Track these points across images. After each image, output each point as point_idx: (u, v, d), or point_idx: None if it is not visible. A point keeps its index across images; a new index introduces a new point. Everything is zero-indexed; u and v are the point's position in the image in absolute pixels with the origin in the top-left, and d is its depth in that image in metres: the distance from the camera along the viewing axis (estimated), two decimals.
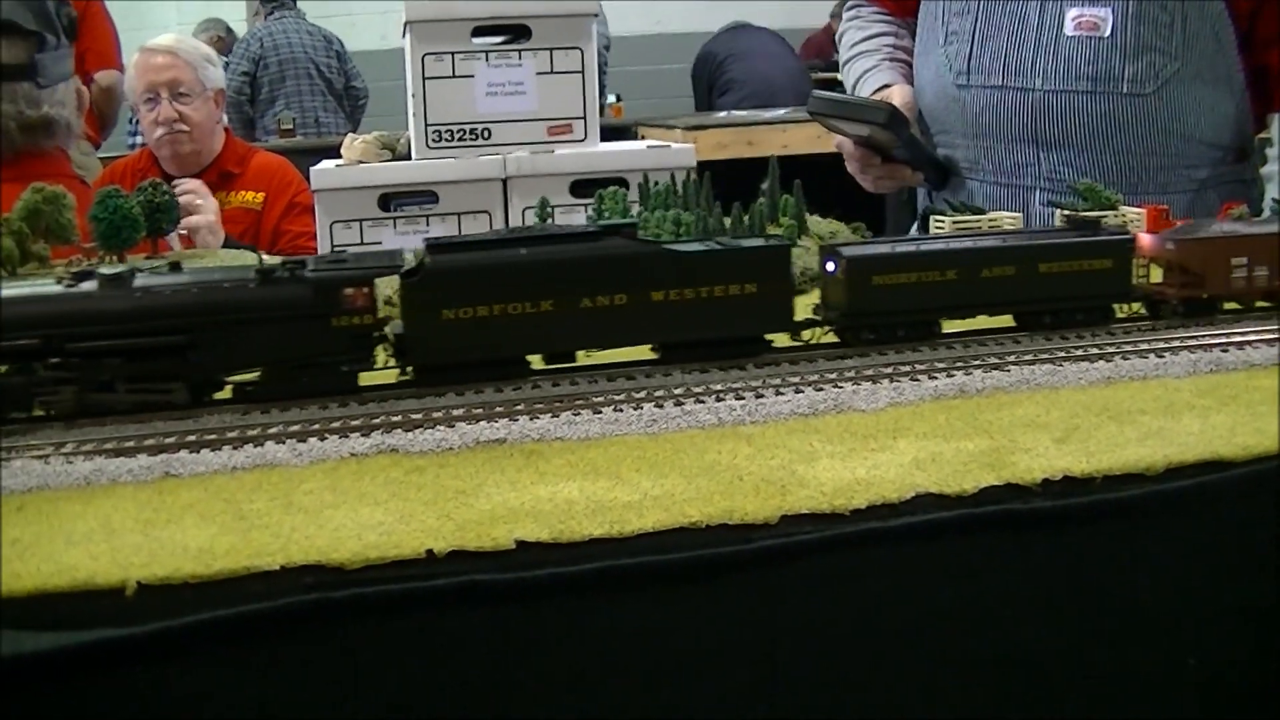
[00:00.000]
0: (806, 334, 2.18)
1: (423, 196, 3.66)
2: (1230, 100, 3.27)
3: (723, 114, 8.53)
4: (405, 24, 3.65)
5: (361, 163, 3.70)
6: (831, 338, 2.20)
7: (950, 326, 2.25)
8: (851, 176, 3.65)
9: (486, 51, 3.71)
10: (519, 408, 1.93)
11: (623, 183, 3.18)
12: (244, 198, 5.15)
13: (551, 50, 3.74)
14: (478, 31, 3.71)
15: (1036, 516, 1.65)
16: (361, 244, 3.56)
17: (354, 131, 3.78)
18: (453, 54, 3.67)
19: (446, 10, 3.65)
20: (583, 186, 3.62)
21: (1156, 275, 2.33)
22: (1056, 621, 1.68)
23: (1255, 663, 1.76)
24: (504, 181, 3.65)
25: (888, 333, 2.18)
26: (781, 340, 2.19)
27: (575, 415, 1.91)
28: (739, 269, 2.07)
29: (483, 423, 1.88)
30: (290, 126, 8.85)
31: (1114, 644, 1.70)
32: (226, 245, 4.25)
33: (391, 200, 3.64)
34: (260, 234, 5.01)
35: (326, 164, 3.74)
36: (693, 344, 2.10)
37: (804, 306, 2.21)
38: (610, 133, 4.32)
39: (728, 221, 2.74)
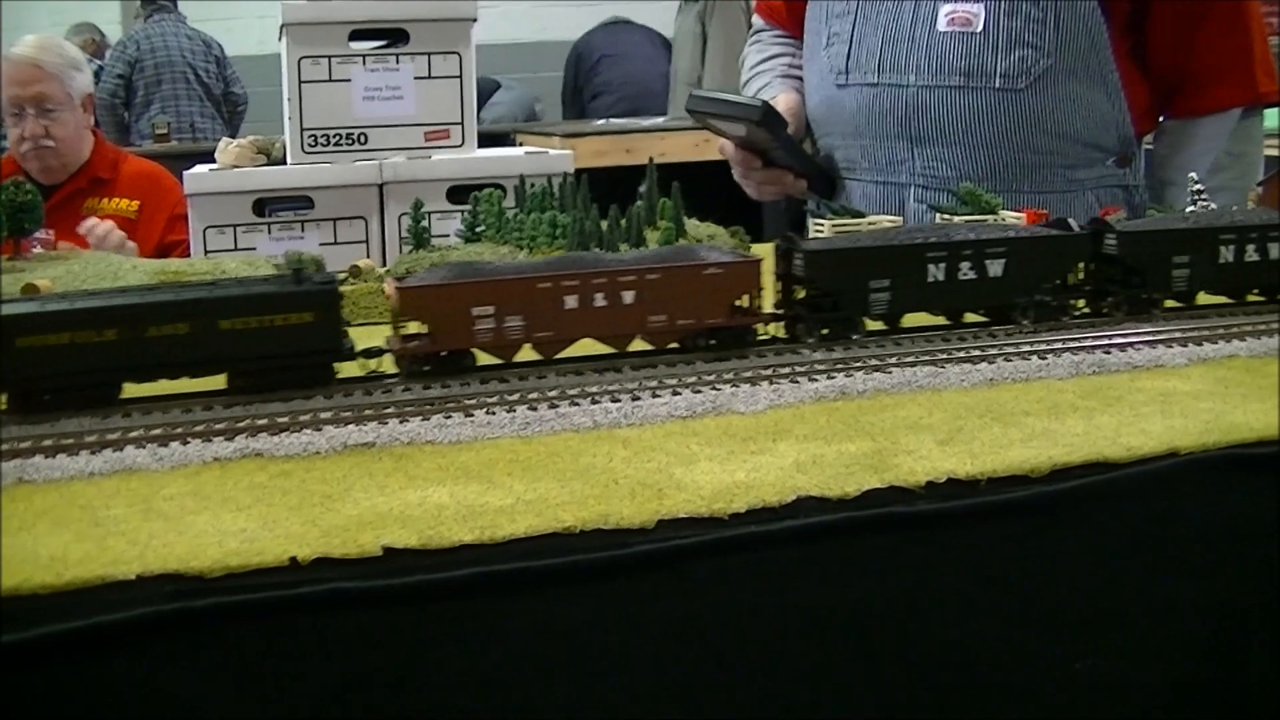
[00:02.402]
0: None
1: (298, 202, 3.59)
2: (1106, 100, 3.27)
3: (600, 121, 8.53)
4: (282, 26, 3.59)
5: (236, 167, 3.64)
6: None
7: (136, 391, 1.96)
8: (731, 182, 3.63)
9: (364, 55, 3.66)
10: (389, 410, 1.88)
11: (500, 188, 3.14)
12: (117, 205, 5.02)
13: (430, 55, 3.69)
14: (355, 35, 3.66)
15: (920, 519, 1.62)
16: (236, 249, 3.49)
17: (233, 138, 3.71)
18: (329, 57, 3.62)
19: (324, 13, 3.60)
20: (460, 192, 3.57)
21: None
22: (941, 624, 1.66)
23: (1142, 664, 1.76)
24: (380, 187, 3.60)
25: (53, 400, 1.88)
26: None
27: (446, 418, 1.86)
28: None
29: (351, 426, 1.83)
30: (165, 131, 8.70)
31: (998, 647, 1.68)
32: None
33: (266, 205, 3.57)
34: (138, 244, 4.89)
35: (200, 168, 3.66)
36: None
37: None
38: (488, 139, 4.28)
39: (604, 224, 2.71)
